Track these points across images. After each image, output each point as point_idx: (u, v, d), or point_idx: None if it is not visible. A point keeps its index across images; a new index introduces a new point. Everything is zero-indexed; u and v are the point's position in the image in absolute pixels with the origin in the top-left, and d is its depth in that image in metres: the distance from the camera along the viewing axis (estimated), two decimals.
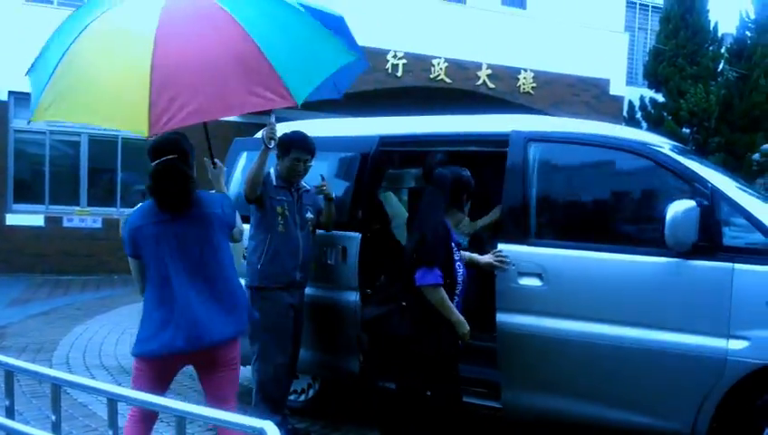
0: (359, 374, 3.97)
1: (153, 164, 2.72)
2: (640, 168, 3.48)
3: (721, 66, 13.77)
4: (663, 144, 3.54)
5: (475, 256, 3.61)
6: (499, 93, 12.81)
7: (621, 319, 3.27)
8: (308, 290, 3.99)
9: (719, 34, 13.78)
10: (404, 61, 12.27)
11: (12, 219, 11.48)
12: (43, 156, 11.81)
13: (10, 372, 2.12)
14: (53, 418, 2.07)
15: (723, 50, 13.84)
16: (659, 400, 3.20)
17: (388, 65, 12.20)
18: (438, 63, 12.46)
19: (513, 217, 3.62)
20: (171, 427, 3.61)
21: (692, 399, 3.11)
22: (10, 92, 11.28)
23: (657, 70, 13.55)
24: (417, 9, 12.37)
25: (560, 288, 3.42)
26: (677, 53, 13.27)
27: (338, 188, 4.17)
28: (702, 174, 3.28)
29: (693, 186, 3.23)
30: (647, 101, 13.84)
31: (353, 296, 3.94)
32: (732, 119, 13.25)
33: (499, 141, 3.84)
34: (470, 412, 3.55)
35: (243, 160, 4.58)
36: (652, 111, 13.66)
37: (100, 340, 6.44)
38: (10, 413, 2.17)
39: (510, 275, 3.51)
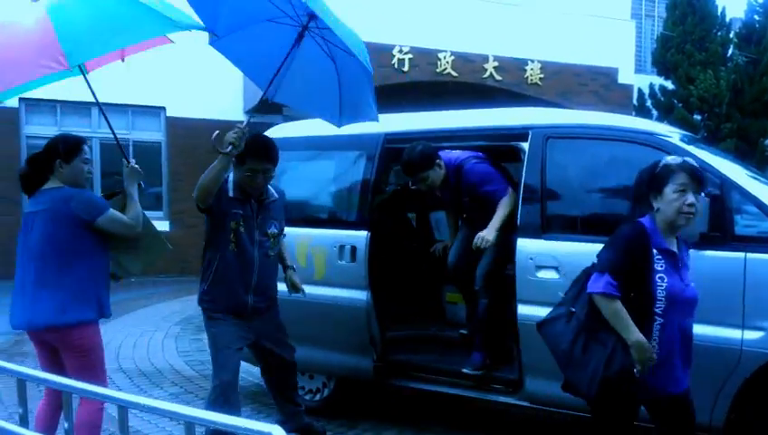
0: (373, 374, 3.99)
1: None
2: (649, 158, 3.46)
3: (730, 51, 13.63)
4: (671, 133, 3.52)
5: None
6: (506, 85, 12.77)
7: None
8: (320, 290, 4.01)
9: (727, 19, 13.64)
10: (410, 55, 12.26)
11: None
12: None
13: (22, 381, 2.13)
14: (66, 425, 2.08)
15: (731, 35, 13.70)
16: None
17: (394, 60, 12.19)
18: (445, 57, 12.43)
19: (532, 212, 3.63)
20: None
21: (707, 391, 3.09)
22: (21, 99, 11.35)
23: (665, 57, 13.44)
24: (422, 3, 12.34)
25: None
26: (685, 39, 13.16)
27: (346, 188, 4.18)
28: (712, 163, 3.27)
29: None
30: (656, 88, 13.73)
31: (364, 295, 3.95)
32: (743, 104, 13.12)
33: (516, 136, 3.85)
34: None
35: None
36: (662, 99, 13.56)
37: (119, 343, 6.51)
38: (24, 422, 2.18)
39: (528, 268, 3.53)
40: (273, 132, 4.78)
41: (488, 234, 3.71)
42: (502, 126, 3.98)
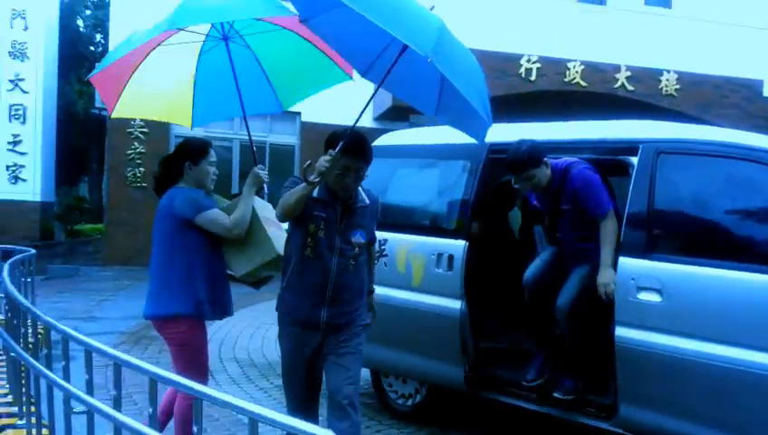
0: (464, 384, 4.01)
1: None
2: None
3: None
4: None
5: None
6: (639, 96, 12.26)
7: (748, 342, 3.06)
8: (416, 296, 4.09)
9: None
10: (538, 65, 12.07)
11: None
12: None
13: (153, 380, 2.27)
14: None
15: None
16: None
17: (522, 70, 12.06)
18: (574, 66, 12.13)
19: (637, 229, 3.51)
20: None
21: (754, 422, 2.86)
22: None
23: None
24: (551, 12, 12.15)
25: (679, 304, 3.27)
26: None
27: (447, 196, 4.23)
28: None
29: None
30: None
31: (459, 305, 3.98)
32: None
33: (625, 150, 3.73)
34: None
35: None
36: None
37: (237, 333, 6.95)
38: (153, 421, 2.33)
39: (629, 288, 3.41)
40: (383, 139, 4.94)
41: (607, 277, 3.47)
42: (611, 139, 3.86)
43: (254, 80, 3.63)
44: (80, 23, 22.72)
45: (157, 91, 3.60)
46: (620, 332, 3.42)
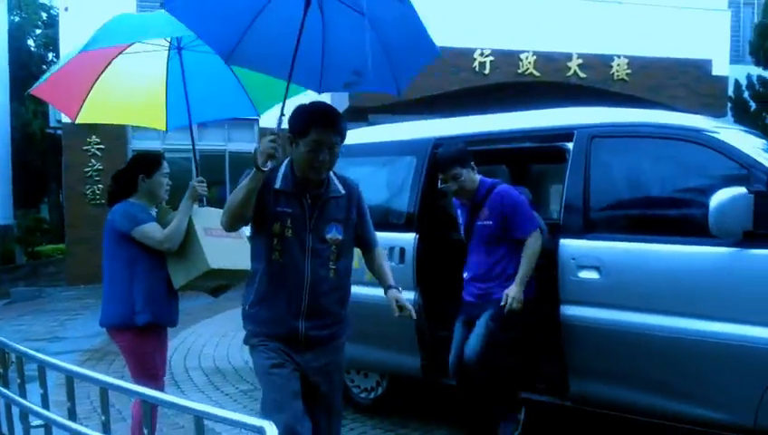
0: (421, 372, 4.09)
1: None
2: (696, 156, 3.38)
3: None
4: (718, 129, 3.41)
5: None
6: (591, 83, 12.47)
7: (678, 310, 3.21)
8: (371, 290, 4.15)
9: None
10: (491, 58, 12.22)
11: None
12: None
13: (104, 389, 2.27)
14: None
15: None
16: (719, 392, 3.12)
17: (476, 64, 12.20)
18: (527, 57, 12.30)
19: (574, 212, 3.63)
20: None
21: (753, 391, 3.00)
22: None
23: (764, 46, 12.65)
24: (502, 5, 12.26)
25: (617, 280, 3.40)
26: None
27: (396, 191, 4.31)
28: (760, 159, 3.15)
29: (750, 171, 3.12)
30: (754, 79, 12.95)
31: (413, 296, 4.06)
32: None
33: (561, 136, 3.85)
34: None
35: None
36: (760, 90, 12.77)
37: (203, 343, 6.95)
38: (106, 429, 2.31)
39: (570, 268, 3.53)
40: None
41: (517, 292, 3.51)
42: (548, 127, 3.98)
43: (227, 85, 3.64)
44: (30, 42, 22.35)
45: (126, 96, 3.66)
46: (564, 310, 3.54)
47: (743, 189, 2.95)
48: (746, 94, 13.07)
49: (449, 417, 4.42)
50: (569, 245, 3.57)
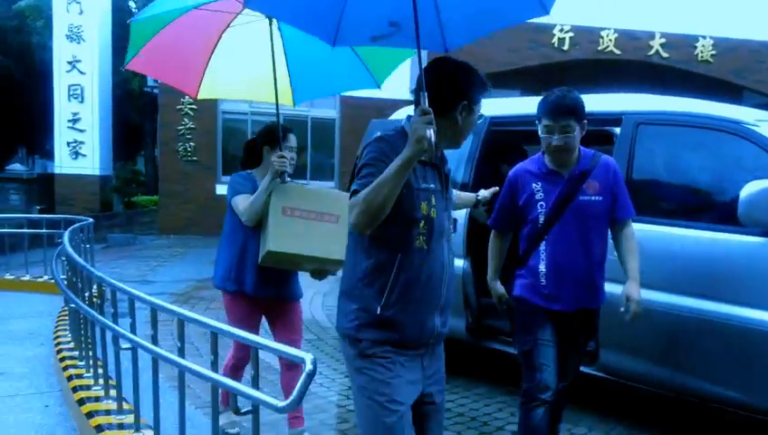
0: (466, 335, 4.50)
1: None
2: (735, 147, 3.55)
3: None
4: (759, 122, 3.53)
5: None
6: (673, 63, 12.28)
7: (706, 293, 3.42)
8: None
9: None
10: (571, 34, 12.21)
11: (221, 189, 13.37)
12: (245, 134, 13.54)
13: (182, 321, 2.77)
14: (212, 358, 2.60)
15: None
16: (739, 373, 3.31)
17: (555, 39, 12.22)
18: (607, 35, 12.22)
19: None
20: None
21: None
22: None
23: None
24: None
25: (655, 262, 3.60)
26: None
27: (452, 164, 4.68)
28: None
29: None
30: None
31: (462, 263, 4.45)
32: None
33: (610, 121, 4.10)
34: None
35: None
36: None
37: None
38: (181, 353, 2.81)
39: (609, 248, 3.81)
40: (396, 115, 5.40)
41: (635, 292, 2.97)
42: (598, 111, 4.19)
43: (344, 58, 3.40)
44: (132, 4, 23.62)
45: (243, 71, 3.68)
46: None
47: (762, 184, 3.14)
48: None
49: (491, 375, 4.82)
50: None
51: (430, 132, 1.88)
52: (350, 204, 2.03)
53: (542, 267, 3.00)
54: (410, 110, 5.40)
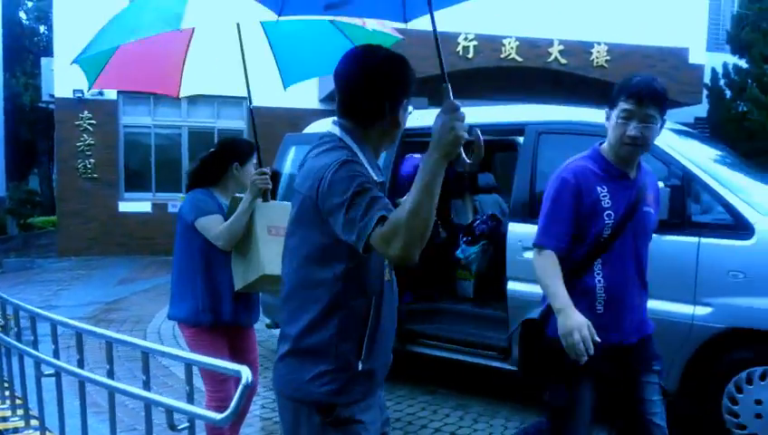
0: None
1: None
2: None
3: None
4: None
5: None
6: (571, 69, 12.84)
7: None
8: None
9: None
10: (475, 42, 12.56)
11: (124, 206, 12.89)
12: (149, 147, 13.11)
13: (110, 343, 2.69)
14: (144, 378, 2.52)
15: None
16: None
17: (459, 48, 12.54)
18: (509, 43, 12.65)
19: (522, 199, 4.08)
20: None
21: (664, 358, 3.47)
22: (119, 92, 12.52)
23: (740, 35, 13.07)
24: None
25: None
26: (762, 16, 12.75)
27: None
28: (677, 157, 3.60)
29: (668, 168, 3.57)
30: (730, 68, 13.39)
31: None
32: None
33: (514, 131, 4.29)
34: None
35: (291, 154, 5.23)
36: (736, 79, 13.21)
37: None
38: (110, 375, 2.74)
39: (517, 249, 3.99)
40: (310, 128, 5.42)
41: None
42: (504, 122, 4.42)
43: (330, 38, 3.29)
44: (22, 15, 22.44)
45: (223, 65, 3.53)
46: (511, 285, 4.01)
47: (660, 184, 3.38)
48: (722, 82, 13.50)
49: (412, 377, 4.91)
50: (516, 228, 4.02)
51: (464, 132, 1.64)
52: (380, 238, 1.59)
53: (599, 291, 2.39)
54: (323, 122, 5.39)
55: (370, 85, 1.84)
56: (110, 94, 12.59)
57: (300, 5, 2.46)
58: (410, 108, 1.98)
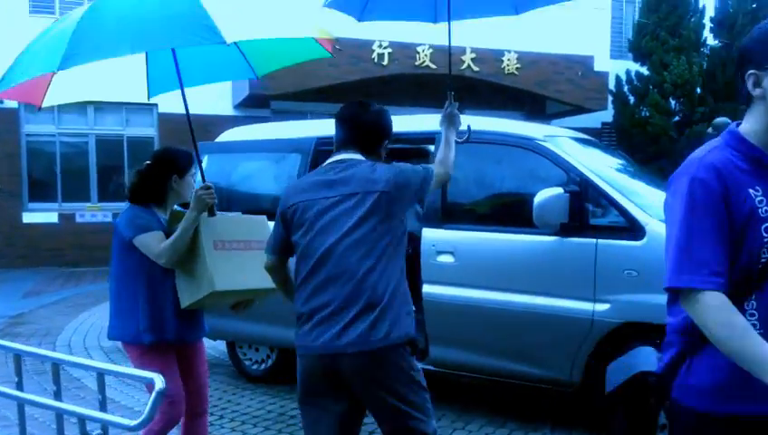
0: None
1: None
2: (529, 160, 4.03)
3: (704, 37, 14.00)
4: (548, 138, 4.04)
5: None
6: (484, 76, 13.24)
7: (513, 288, 3.88)
8: None
9: (700, 5, 14.00)
10: (389, 50, 12.74)
11: (28, 217, 12.30)
12: (54, 156, 12.57)
13: (18, 356, 2.53)
14: (54, 388, 2.40)
15: (705, 20, 14.06)
16: (544, 353, 3.82)
17: (374, 55, 12.69)
18: (423, 50, 12.90)
19: (434, 205, 4.22)
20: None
21: (568, 352, 3.70)
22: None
23: (640, 44, 13.84)
24: None
25: (467, 263, 4.02)
26: (660, 25, 13.56)
27: (282, 185, 4.77)
28: (575, 164, 3.82)
29: (568, 175, 3.79)
30: (633, 74, 14.15)
31: None
32: (716, 88, 13.53)
33: (426, 140, 4.43)
34: None
35: (204, 164, 5.17)
36: (638, 85, 13.98)
37: (103, 324, 7.15)
38: (19, 387, 2.57)
39: (430, 253, 4.12)
40: (226, 136, 5.38)
41: None
42: (415, 131, 4.54)
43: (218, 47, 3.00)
44: None
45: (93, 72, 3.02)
46: (426, 288, 4.13)
47: (560, 189, 3.60)
48: (626, 88, 14.24)
49: None
50: (430, 233, 4.15)
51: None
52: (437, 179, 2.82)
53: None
54: (241, 129, 5.31)
55: (380, 128, 2.61)
56: (11, 103, 12.00)
57: (379, 11, 3.52)
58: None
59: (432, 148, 4.31)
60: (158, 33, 2.54)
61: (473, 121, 4.33)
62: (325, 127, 4.86)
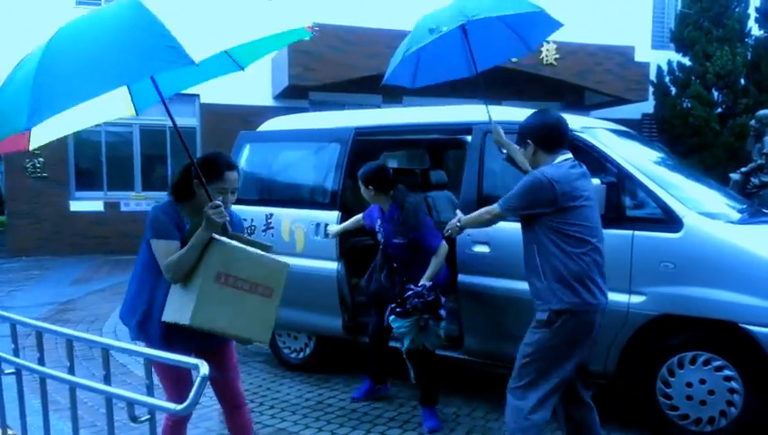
0: (343, 332, 4.72)
1: None
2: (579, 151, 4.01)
3: (748, 27, 13.66)
4: (586, 129, 4.04)
5: None
6: (522, 66, 13.14)
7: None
8: (300, 261, 4.63)
9: None
10: None
11: (75, 206, 12.69)
12: (100, 145, 12.93)
13: (70, 341, 2.68)
14: (104, 373, 2.50)
15: (750, 10, 13.71)
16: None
17: None
18: None
19: (470, 193, 4.26)
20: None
21: (603, 344, 3.70)
22: None
23: (683, 34, 13.58)
24: None
25: (502, 253, 4.05)
26: (703, 15, 13.27)
27: (322, 173, 4.87)
28: (612, 156, 3.82)
29: (605, 166, 3.79)
30: (674, 65, 13.89)
31: (335, 265, 4.65)
32: (760, 79, 13.21)
33: (462, 130, 4.47)
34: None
35: (246, 152, 5.31)
36: (680, 76, 13.72)
37: None
38: (71, 371, 2.73)
39: (466, 243, 4.17)
40: (267, 126, 5.50)
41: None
42: (452, 121, 4.59)
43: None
44: None
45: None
46: (461, 278, 4.19)
47: (597, 181, 3.60)
48: (667, 79, 13.99)
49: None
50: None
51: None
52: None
53: None
54: (282, 119, 5.39)
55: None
56: None
57: (426, 77, 4.32)
58: None
59: (469, 139, 4.35)
60: (121, 68, 2.26)
61: (510, 113, 4.38)
62: (363, 117, 4.95)
